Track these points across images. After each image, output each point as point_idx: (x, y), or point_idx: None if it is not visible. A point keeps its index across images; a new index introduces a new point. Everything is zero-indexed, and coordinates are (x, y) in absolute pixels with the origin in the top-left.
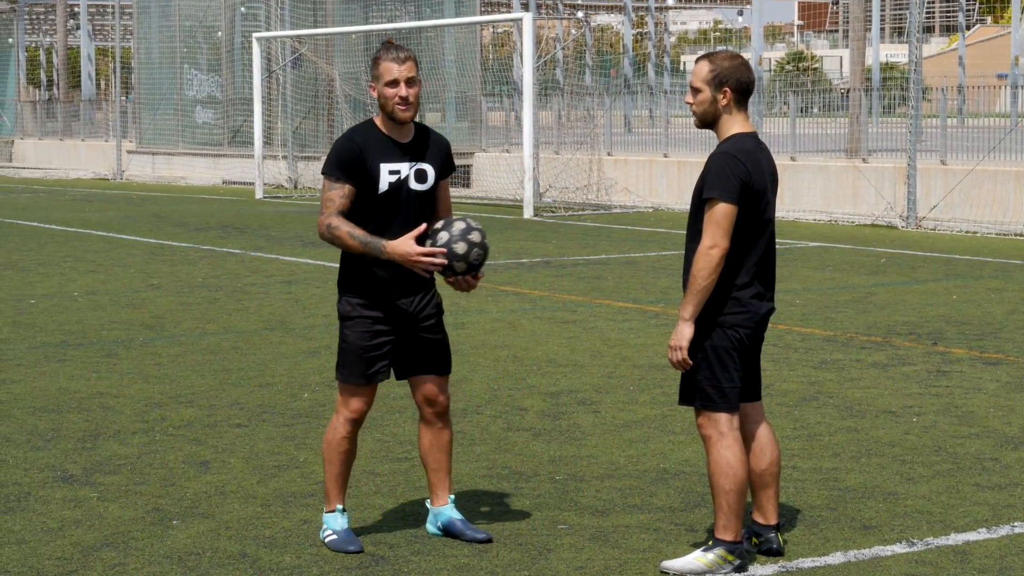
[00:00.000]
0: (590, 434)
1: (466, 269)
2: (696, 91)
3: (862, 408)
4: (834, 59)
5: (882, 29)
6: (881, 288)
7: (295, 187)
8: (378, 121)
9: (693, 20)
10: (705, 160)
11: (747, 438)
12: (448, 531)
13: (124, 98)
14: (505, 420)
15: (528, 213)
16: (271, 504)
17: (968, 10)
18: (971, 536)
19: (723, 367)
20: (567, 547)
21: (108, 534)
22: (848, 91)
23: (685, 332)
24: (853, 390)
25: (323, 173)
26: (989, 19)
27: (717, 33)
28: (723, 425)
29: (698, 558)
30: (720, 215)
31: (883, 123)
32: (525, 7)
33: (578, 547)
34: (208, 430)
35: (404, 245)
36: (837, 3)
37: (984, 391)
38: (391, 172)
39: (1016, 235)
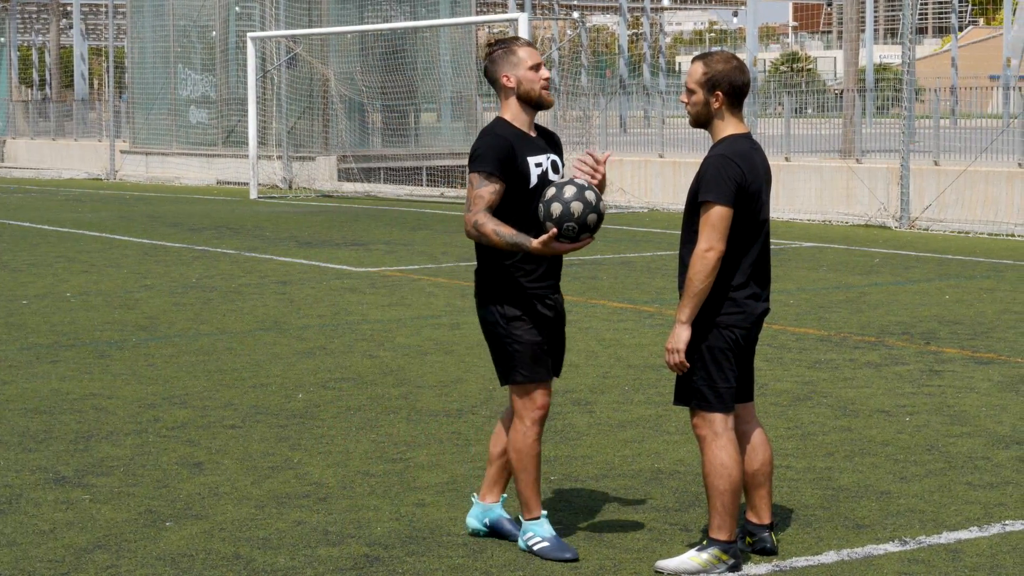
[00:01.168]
0: (585, 434)
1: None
2: (691, 92)
3: (855, 408)
4: (828, 60)
5: (876, 30)
6: (874, 288)
7: (290, 187)
8: (508, 117)
9: (688, 21)
10: (700, 161)
11: (740, 438)
12: (496, 529)
13: (118, 98)
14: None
15: None
16: (265, 505)
17: (960, 12)
18: (963, 535)
19: (719, 367)
20: None
21: (100, 536)
22: (842, 92)
23: (682, 335)
24: (846, 390)
25: (474, 170)
26: (981, 21)
27: (712, 34)
28: (718, 425)
29: (692, 558)
30: (716, 218)
31: (877, 124)
32: (520, 7)
33: (574, 547)
34: (202, 431)
35: (555, 244)
36: (831, 4)
37: (976, 390)
38: (536, 165)
39: (1008, 235)
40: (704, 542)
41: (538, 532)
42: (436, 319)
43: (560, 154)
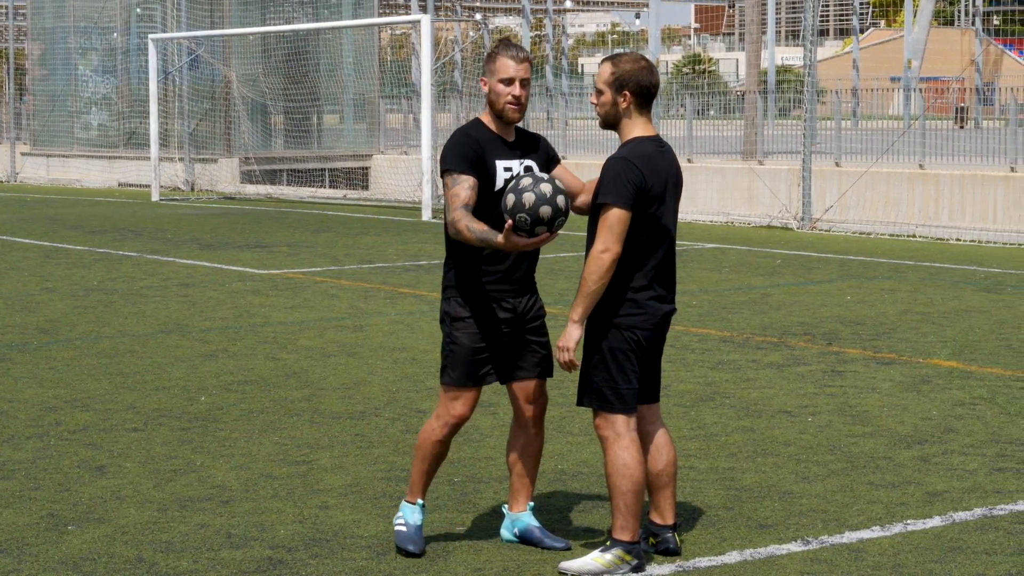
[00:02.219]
0: (488, 436)
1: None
2: (599, 92)
3: (758, 408)
4: (730, 62)
5: (777, 32)
6: (776, 289)
7: (192, 189)
8: (485, 119)
9: (591, 23)
10: (603, 162)
11: (644, 439)
12: (525, 538)
13: (18, 99)
14: (404, 422)
15: (426, 215)
16: (168, 508)
17: (862, 14)
18: (865, 534)
19: (620, 368)
20: (465, 549)
21: (2, 540)
22: (744, 94)
23: (573, 334)
24: (749, 390)
25: (444, 172)
26: (882, 23)
27: (614, 36)
28: (620, 426)
29: (596, 559)
30: (613, 220)
31: (778, 125)
32: (423, 9)
33: (476, 549)
34: (104, 434)
35: (514, 238)
36: (733, 7)
37: (878, 391)
38: (505, 169)
39: (909, 236)
40: (607, 543)
41: (407, 516)
42: (339, 321)
43: (545, 158)
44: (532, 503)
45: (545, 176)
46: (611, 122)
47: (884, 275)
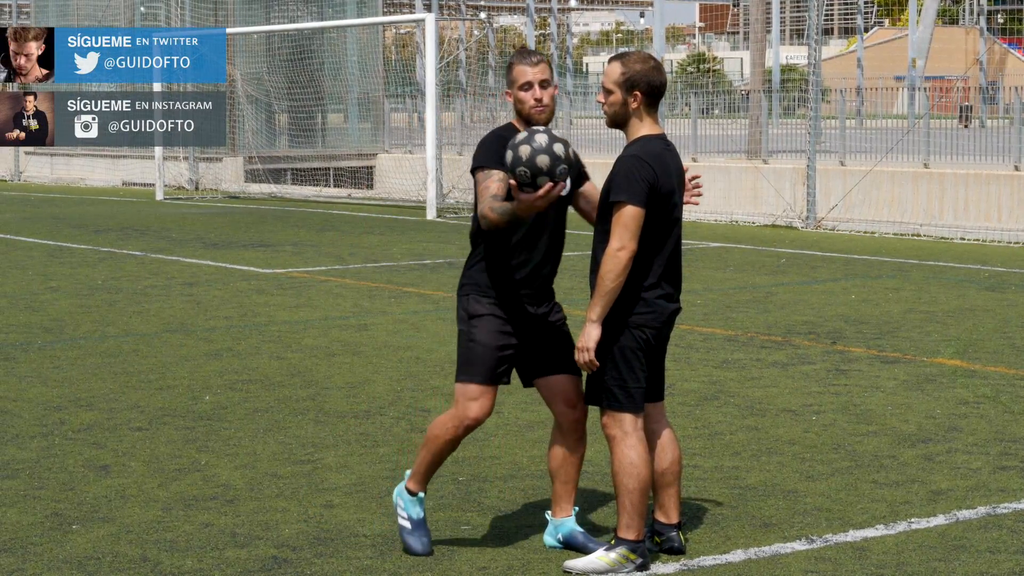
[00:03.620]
0: (493, 435)
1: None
2: (608, 92)
3: (762, 407)
4: (735, 61)
5: (782, 31)
6: (781, 288)
7: (196, 188)
8: (517, 124)
9: (595, 22)
10: (608, 161)
11: (649, 438)
12: (569, 544)
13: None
14: (408, 421)
15: (431, 214)
16: (172, 508)
17: (866, 13)
18: (869, 532)
19: (629, 367)
20: (470, 547)
21: (6, 539)
22: (748, 92)
23: (592, 334)
24: (753, 389)
25: (474, 170)
26: (887, 22)
27: (619, 35)
28: (627, 425)
29: (600, 557)
30: (628, 218)
31: (783, 124)
32: (428, 8)
33: (481, 547)
34: (108, 433)
35: (523, 196)
36: (738, 5)
37: (882, 389)
38: None
39: (913, 235)
40: (612, 541)
41: (408, 509)
42: (343, 320)
43: (576, 169)
44: (576, 508)
45: (541, 128)
46: (619, 121)
47: (888, 274)
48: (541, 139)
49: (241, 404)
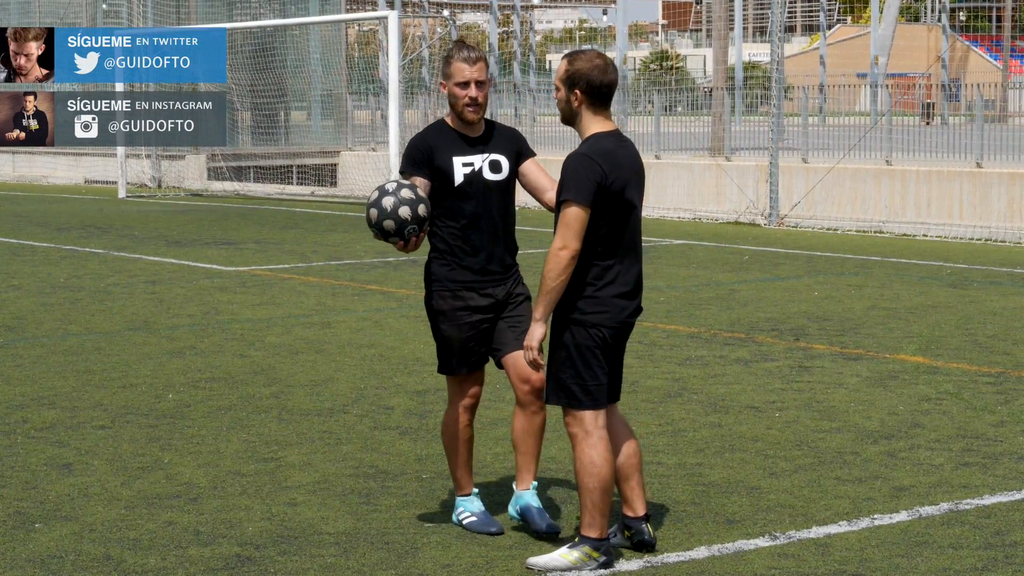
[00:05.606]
0: None
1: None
2: (557, 88)
3: (725, 404)
4: (698, 58)
5: (745, 28)
6: (744, 285)
7: (159, 186)
8: (449, 119)
9: (559, 19)
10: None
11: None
12: (523, 516)
13: None
14: (372, 419)
15: None
16: (135, 506)
17: (829, 10)
18: (832, 529)
19: (587, 366)
20: (434, 545)
21: None
22: (711, 90)
23: (536, 332)
24: (717, 386)
25: (400, 173)
26: (849, 19)
27: (582, 32)
28: (588, 423)
29: (563, 555)
30: (571, 217)
31: (746, 122)
32: (391, 5)
33: (445, 545)
34: (71, 432)
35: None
36: (700, 3)
37: (845, 386)
38: (464, 164)
39: (876, 232)
40: (576, 539)
41: (468, 508)
42: (307, 318)
43: (516, 151)
44: (536, 482)
45: (392, 186)
46: (569, 119)
47: (851, 271)
48: (387, 202)
49: (204, 402)
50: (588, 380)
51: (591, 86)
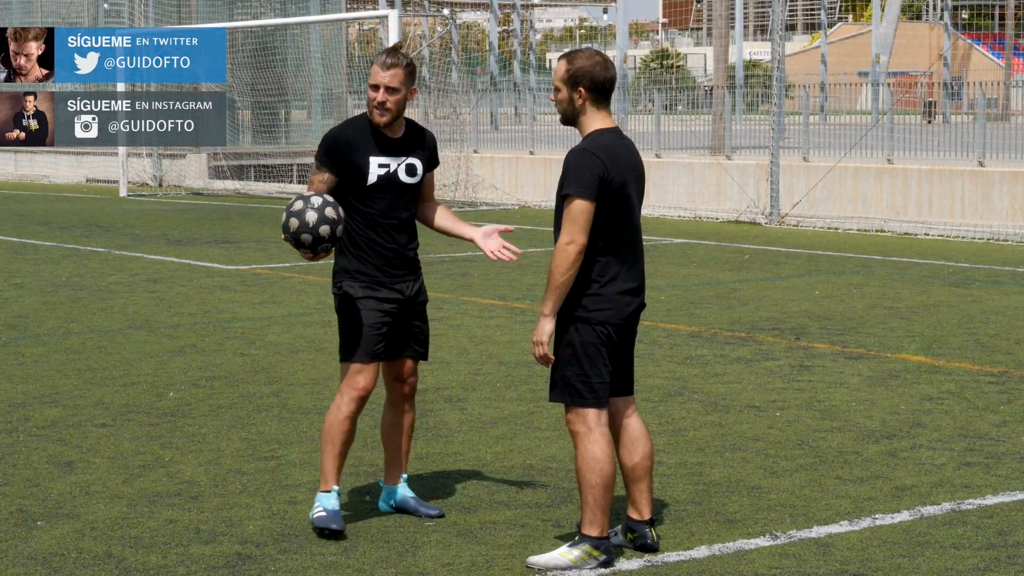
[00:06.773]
0: (457, 431)
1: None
2: (556, 90)
3: (726, 403)
4: (698, 57)
5: (745, 27)
6: (745, 284)
7: (160, 185)
8: (368, 115)
9: (559, 18)
10: None
11: (619, 432)
12: (401, 508)
13: None
14: (372, 417)
15: None
16: (137, 504)
17: (830, 8)
18: (833, 528)
19: (591, 363)
20: (434, 544)
21: None
22: (712, 88)
23: (545, 327)
24: (717, 385)
25: (315, 159)
26: (850, 17)
27: (582, 31)
28: (591, 420)
29: (564, 554)
30: (577, 211)
31: (747, 120)
32: (391, 4)
33: (445, 544)
34: (72, 430)
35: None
36: (701, 1)
37: (846, 385)
38: (380, 165)
39: (877, 231)
40: (576, 538)
41: (323, 503)
42: (307, 317)
43: (428, 158)
44: (406, 475)
45: (317, 202)
46: (569, 118)
47: (852, 270)
48: (310, 216)
49: (205, 401)
50: (593, 378)
51: (595, 82)
